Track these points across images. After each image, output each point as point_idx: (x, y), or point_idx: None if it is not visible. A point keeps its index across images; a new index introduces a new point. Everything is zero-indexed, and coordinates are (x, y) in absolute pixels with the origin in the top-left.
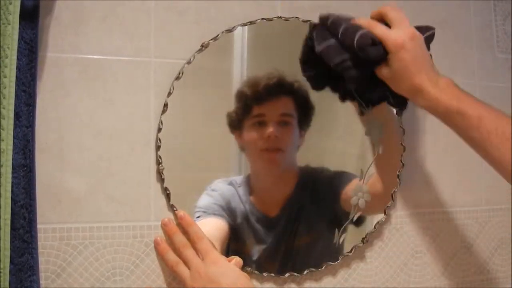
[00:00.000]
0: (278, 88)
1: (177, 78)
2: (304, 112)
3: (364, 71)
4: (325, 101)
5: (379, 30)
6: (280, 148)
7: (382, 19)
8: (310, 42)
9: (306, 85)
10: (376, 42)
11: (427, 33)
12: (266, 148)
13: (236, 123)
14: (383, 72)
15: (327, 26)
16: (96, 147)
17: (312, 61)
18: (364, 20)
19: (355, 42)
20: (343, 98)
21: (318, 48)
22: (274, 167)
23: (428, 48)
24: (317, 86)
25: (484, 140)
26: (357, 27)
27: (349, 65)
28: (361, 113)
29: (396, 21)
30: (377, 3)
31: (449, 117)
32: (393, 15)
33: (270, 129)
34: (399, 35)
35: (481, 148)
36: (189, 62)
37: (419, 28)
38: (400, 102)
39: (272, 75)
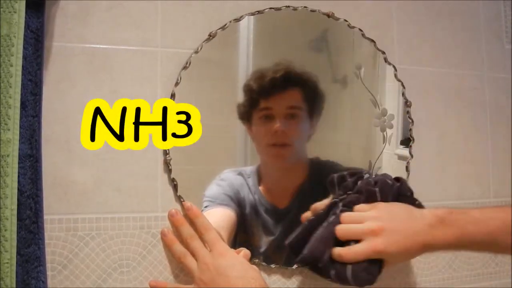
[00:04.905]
0: (285, 80)
1: (185, 67)
2: (314, 102)
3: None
4: (332, 93)
5: (355, 251)
6: (287, 143)
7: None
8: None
9: (315, 75)
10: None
11: (394, 188)
12: (273, 143)
13: (245, 116)
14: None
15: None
16: None
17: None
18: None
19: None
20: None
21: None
22: (281, 161)
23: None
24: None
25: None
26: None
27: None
28: None
29: (359, 234)
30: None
31: (466, 248)
32: (356, 230)
33: (277, 125)
34: (364, 247)
35: None
36: (196, 52)
37: (383, 187)
38: None
39: (279, 67)
